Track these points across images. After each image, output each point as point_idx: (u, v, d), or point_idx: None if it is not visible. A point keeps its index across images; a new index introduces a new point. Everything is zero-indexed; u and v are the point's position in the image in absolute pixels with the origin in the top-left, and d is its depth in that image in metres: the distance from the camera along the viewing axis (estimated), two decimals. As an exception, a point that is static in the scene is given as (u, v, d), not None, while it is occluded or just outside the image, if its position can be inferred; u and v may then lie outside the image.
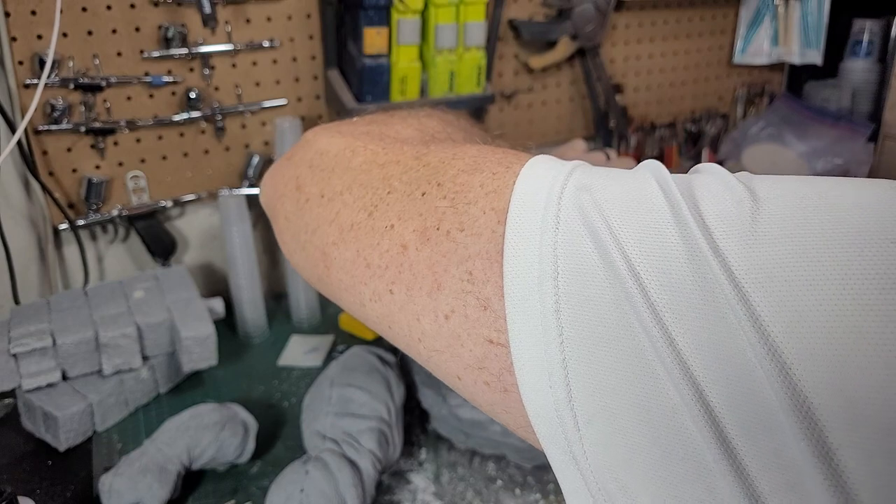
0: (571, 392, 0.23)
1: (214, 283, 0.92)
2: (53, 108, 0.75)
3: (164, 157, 0.83)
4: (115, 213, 0.81)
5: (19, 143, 0.71)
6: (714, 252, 0.21)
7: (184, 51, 0.79)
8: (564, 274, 0.23)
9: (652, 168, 0.25)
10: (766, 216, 0.21)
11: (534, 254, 0.24)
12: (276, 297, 0.93)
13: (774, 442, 0.19)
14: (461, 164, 0.30)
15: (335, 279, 0.35)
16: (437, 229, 0.28)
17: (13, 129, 0.71)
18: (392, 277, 0.30)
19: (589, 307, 0.23)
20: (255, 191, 0.88)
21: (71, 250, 0.82)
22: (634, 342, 0.21)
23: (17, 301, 0.77)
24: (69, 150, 0.78)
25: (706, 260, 0.21)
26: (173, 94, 0.81)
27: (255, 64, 0.84)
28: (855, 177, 1.03)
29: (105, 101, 0.77)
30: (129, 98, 0.79)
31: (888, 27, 1.06)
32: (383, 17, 0.80)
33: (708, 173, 0.24)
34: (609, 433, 0.22)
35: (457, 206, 0.28)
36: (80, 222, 0.80)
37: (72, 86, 0.75)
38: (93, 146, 0.79)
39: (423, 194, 0.30)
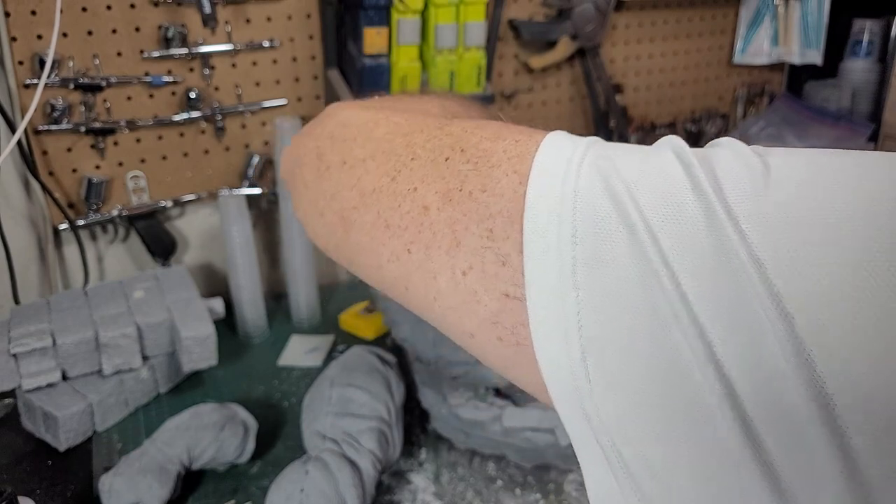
0: (584, 346, 0.24)
1: (214, 283, 0.92)
2: (53, 108, 0.75)
3: (164, 157, 0.83)
4: (115, 213, 0.81)
5: (19, 143, 0.71)
6: (729, 216, 0.21)
7: (184, 51, 0.79)
8: (583, 232, 0.24)
9: (670, 142, 0.26)
10: (777, 184, 0.22)
11: (554, 212, 0.25)
12: (276, 297, 0.93)
13: (780, 396, 0.20)
14: (484, 133, 0.31)
15: (353, 241, 0.36)
16: (460, 190, 0.29)
17: (13, 129, 0.71)
18: (411, 237, 0.31)
19: (606, 265, 0.23)
20: (255, 191, 0.88)
21: (71, 250, 0.82)
22: (651, 301, 0.22)
23: (17, 301, 0.77)
24: (69, 150, 0.78)
25: (721, 223, 0.21)
26: (173, 94, 0.81)
27: (255, 64, 0.84)
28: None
29: (105, 101, 0.77)
30: (129, 98, 0.79)
31: (888, 27, 1.06)
32: (383, 17, 0.80)
33: (723, 147, 0.25)
34: (619, 387, 0.23)
35: (479, 169, 0.29)
36: (80, 222, 0.80)
37: (72, 86, 0.75)
38: (93, 146, 0.79)
39: (446, 159, 0.31)
